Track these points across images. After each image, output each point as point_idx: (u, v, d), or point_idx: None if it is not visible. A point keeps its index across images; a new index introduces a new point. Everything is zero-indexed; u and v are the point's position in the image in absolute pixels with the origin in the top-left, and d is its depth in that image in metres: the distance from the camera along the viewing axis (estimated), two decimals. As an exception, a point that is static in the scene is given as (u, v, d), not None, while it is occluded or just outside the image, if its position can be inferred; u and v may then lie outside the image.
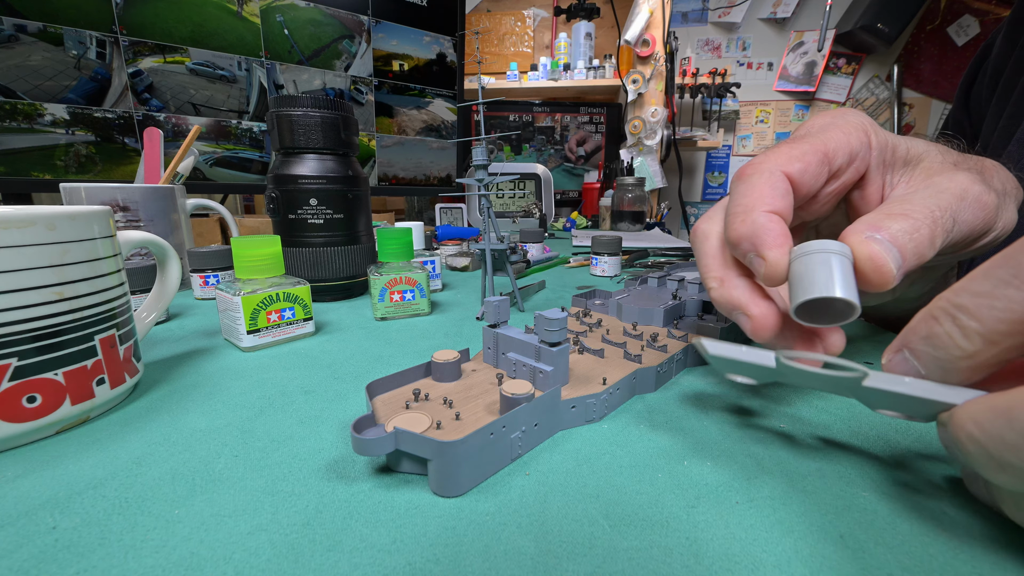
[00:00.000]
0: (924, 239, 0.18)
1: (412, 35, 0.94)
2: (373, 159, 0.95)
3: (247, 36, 0.78)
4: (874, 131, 0.22)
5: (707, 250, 0.22)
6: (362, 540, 0.15)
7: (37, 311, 0.20)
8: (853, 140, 0.21)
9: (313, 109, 0.42)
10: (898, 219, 0.18)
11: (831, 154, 0.21)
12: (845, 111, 0.23)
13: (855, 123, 0.22)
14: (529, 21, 2.14)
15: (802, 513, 0.16)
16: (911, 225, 0.18)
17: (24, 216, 0.19)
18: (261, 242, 0.33)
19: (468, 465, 0.17)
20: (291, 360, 0.31)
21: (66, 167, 0.68)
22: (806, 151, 0.20)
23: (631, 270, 0.67)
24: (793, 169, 0.20)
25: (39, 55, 0.64)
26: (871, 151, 0.22)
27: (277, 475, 0.19)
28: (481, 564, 0.14)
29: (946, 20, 2.03)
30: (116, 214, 0.46)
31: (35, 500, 0.17)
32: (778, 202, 0.19)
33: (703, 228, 0.23)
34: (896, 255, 0.17)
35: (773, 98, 2.30)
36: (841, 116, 0.23)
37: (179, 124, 0.75)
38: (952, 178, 0.21)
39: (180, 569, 0.14)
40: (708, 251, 0.22)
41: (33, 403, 0.20)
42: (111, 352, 0.23)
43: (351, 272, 0.47)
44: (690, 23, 2.29)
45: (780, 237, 0.18)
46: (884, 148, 0.22)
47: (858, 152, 0.21)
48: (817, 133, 0.22)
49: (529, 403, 0.20)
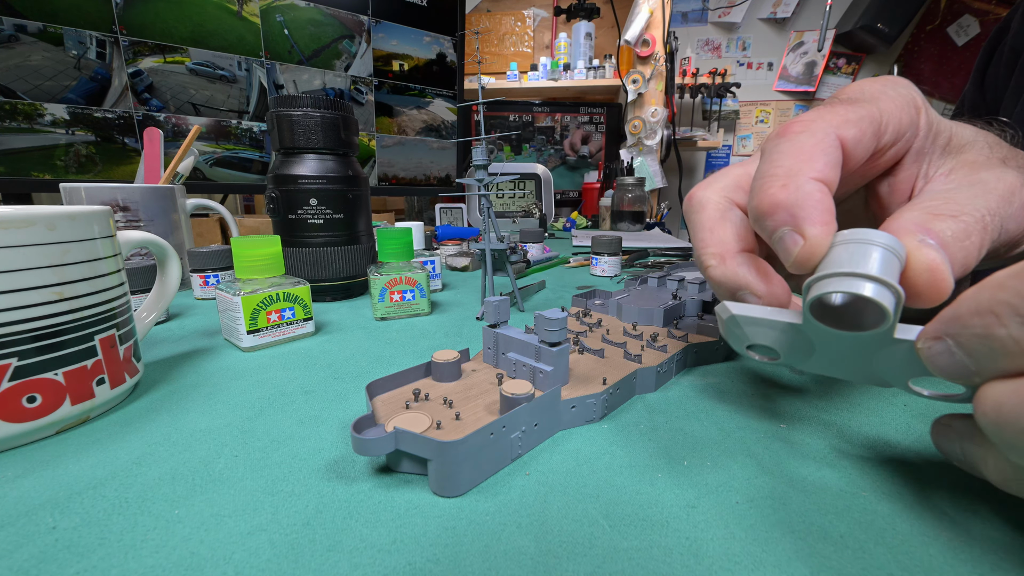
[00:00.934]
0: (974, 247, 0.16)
1: (412, 35, 0.94)
2: (373, 159, 0.95)
3: (247, 36, 0.78)
4: (925, 109, 0.20)
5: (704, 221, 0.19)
6: (362, 540, 0.15)
7: (37, 311, 0.20)
8: (904, 116, 0.19)
9: (313, 109, 0.42)
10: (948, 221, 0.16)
11: (883, 127, 0.18)
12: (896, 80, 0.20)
13: (907, 96, 0.19)
14: (529, 21, 2.14)
15: (802, 513, 0.16)
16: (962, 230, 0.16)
17: (24, 216, 0.19)
18: (261, 242, 0.33)
19: (468, 465, 0.17)
20: (291, 360, 0.31)
21: (66, 167, 0.68)
22: (862, 116, 0.17)
23: (631, 270, 0.67)
24: (849, 134, 0.17)
25: (39, 55, 0.64)
26: (918, 132, 0.19)
27: (277, 475, 0.19)
28: (481, 564, 0.14)
29: (946, 20, 2.03)
30: (116, 214, 0.46)
31: (35, 500, 0.17)
32: (829, 171, 0.16)
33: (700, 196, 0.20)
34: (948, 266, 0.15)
35: (773, 98, 2.30)
36: (892, 85, 0.20)
37: (179, 124, 0.75)
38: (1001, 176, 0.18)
39: (180, 569, 0.14)
40: (705, 222, 0.19)
41: (33, 403, 0.20)
42: (111, 352, 0.23)
43: (351, 272, 0.47)
44: (690, 23, 2.29)
45: (827, 213, 0.15)
46: (930, 130, 0.19)
47: (906, 131, 0.19)
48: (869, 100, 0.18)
49: (529, 403, 0.20)
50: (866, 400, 0.25)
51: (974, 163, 0.19)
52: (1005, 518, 0.16)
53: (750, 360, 0.29)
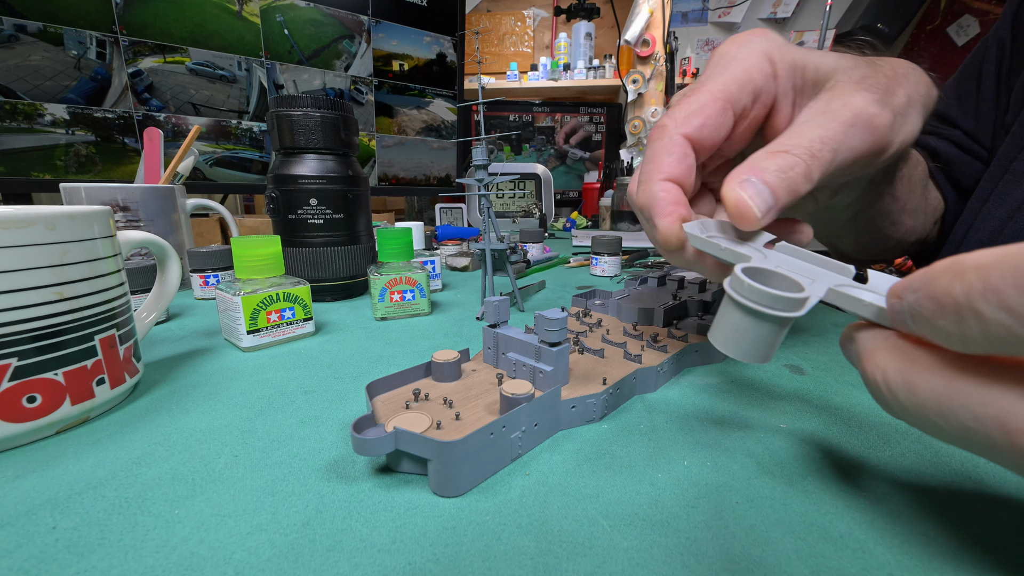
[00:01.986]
0: (799, 175, 0.18)
1: (412, 35, 0.94)
2: (373, 159, 0.95)
3: (247, 36, 0.78)
4: (780, 56, 0.21)
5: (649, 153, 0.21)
6: (362, 540, 0.15)
7: (37, 311, 0.20)
8: (755, 74, 0.21)
9: (313, 109, 0.42)
10: (776, 157, 0.18)
11: (733, 98, 0.20)
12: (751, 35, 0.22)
13: (759, 50, 0.21)
14: (529, 21, 2.14)
15: (802, 513, 0.16)
16: (788, 162, 0.18)
17: (24, 216, 0.19)
18: (261, 242, 0.33)
19: (468, 465, 0.17)
20: (291, 360, 0.31)
21: (66, 167, 0.68)
22: (704, 103, 0.20)
23: (631, 270, 0.67)
24: (691, 128, 0.20)
25: (39, 55, 0.64)
26: (776, 80, 0.21)
27: (277, 475, 0.19)
28: (481, 564, 0.14)
29: (946, 20, 2.03)
30: (116, 214, 0.46)
31: (35, 500, 0.17)
32: (675, 168, 0.20)
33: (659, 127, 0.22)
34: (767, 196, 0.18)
35: (773, 98, 2.29)
36: (746, 43, 0.22)
37: (179, 124, 0.75)
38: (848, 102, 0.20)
39: (180, 569, 0.14)
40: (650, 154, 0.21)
41: (33, 403, 0.20)
42: (111, 352, 0.23)
43: (351, 272, 0.47)
44: (690, 23, 2.29)
45: (671, 206, 0.19)
46: (792, 72, 0.21)
47: (762, 86, 0.21)
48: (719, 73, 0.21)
49: (529, 403, 0.20)
50: (867, 399, 0.25)
51: (832, 91, 0.21)
52: (1006, 518, 0.16)
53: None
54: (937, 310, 0.11)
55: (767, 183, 0.18)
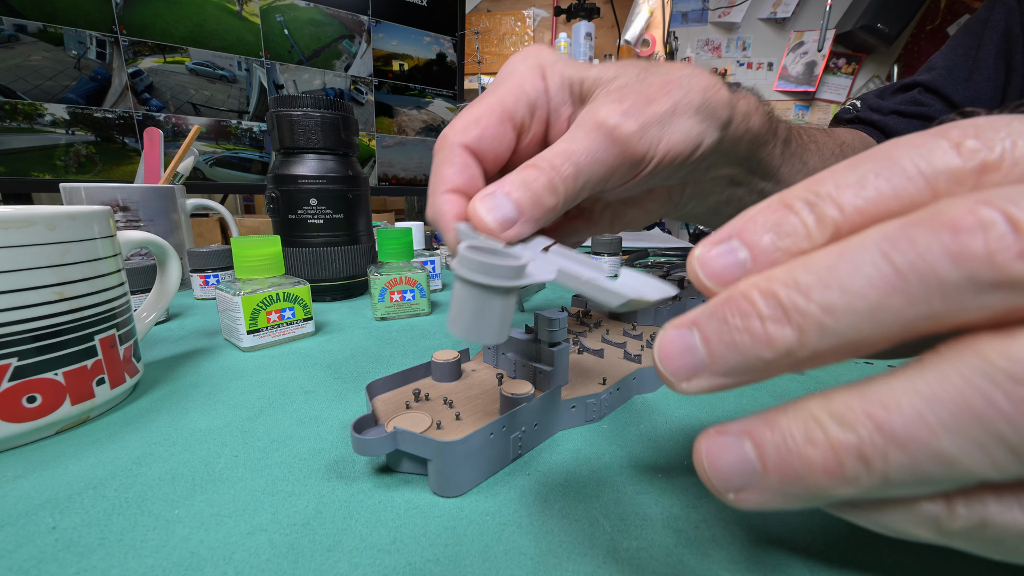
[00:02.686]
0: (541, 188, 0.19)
1: (412, 35, 0.94)
2: (373, 159, 0.95)
3: (247, 36, 0.78)
4: (552, 71, 0.21)
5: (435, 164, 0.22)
6: (362, 540, 0.15)
7: (37, 311, 0.20)
8: (528, 88, 0.21)
9: (313, 109, 0.42)
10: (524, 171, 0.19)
11: (510, 110, 0.21)
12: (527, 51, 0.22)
13: (533, 66, 0.21)
14: (529, 21, 2.14)
15: (803, 513, 0.16)
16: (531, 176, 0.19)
17: (24, 216, 0.19)
18: (261, 242, 0.33)
19: (468, 465, 0.17)
20: (291, 360, 0.31)
21: (66, 167, 0.68)
22: (482, 115, 0.20)
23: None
24: (470, 139, 0.20)
25: (39, 55, 0.64)
26: (547, 95, 0.21)
27: (277, 475, 0.19)
28: (481, 564, 0.14)
29: (946, 20, 2.03)
30: (116, 214, 0.46)
31: (35, 500, 0.17)
32: (456, 179, 0.20)
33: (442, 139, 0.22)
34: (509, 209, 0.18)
35: (773, 98, 2.30)
36: (523, 60, 0.22)
37: (179, 124, 0.75)
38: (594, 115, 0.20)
39: (180, 569, 0.14)
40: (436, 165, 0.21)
41: (33, 403, 0.20)
42: (111, 352, 0.23)
43: (351, 272, 0.47)
44: (690, 23, 2.29)
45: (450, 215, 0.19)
46: (563, 87, 0.21)
47: (535, 100, 0.21)
48: (497, 87, 0.21)
49: (529, 403, 0.20)
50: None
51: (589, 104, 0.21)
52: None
53: None
54: None
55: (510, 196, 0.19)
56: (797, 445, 0.09)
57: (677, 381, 0.11)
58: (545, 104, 0.22)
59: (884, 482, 0.09)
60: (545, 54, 0.22)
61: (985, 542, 0.09)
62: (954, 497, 0.09)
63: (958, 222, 0.08)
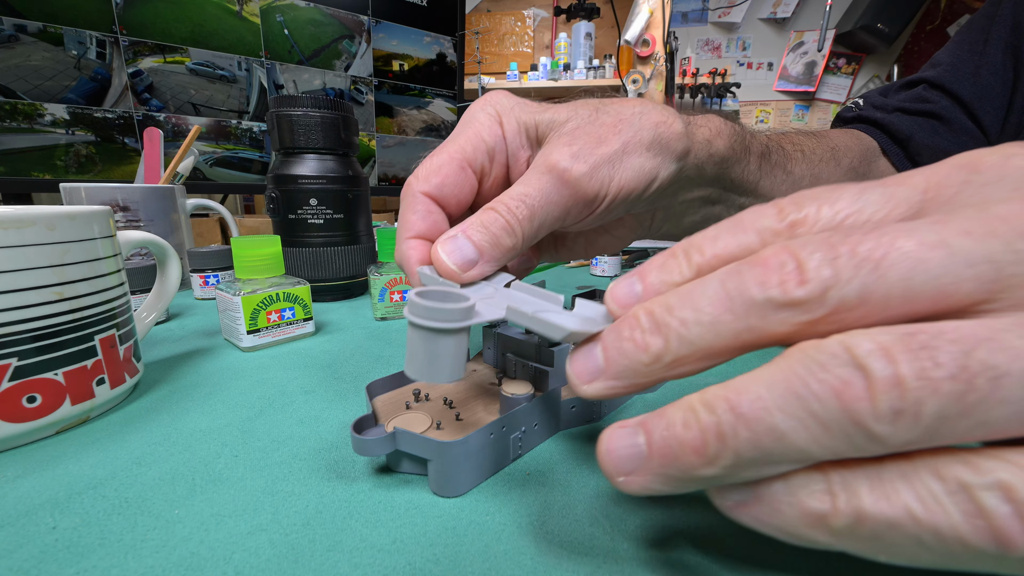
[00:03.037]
0: (499, 230, 0.20)
1: (412, 35, 0.94)
2: (373, 159, 0.95)
3: (247, 36, 0.78)
4: (508, 118, 0.22)
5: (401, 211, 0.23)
6: (362, 540, 0.15)
7: (37, 311, 0.20)
8: (486, 135, 0.22)
9: (313, 109, 0.42)
10: (483, 214, 0.20)
11: (469, 157, 0.22)
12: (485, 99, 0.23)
13: (491, 113, 0.22)
14: (529, 21, 2.14)
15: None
16: (490, 219, 0.20)
17: (24, 216, 0.19)
18: (261, 242, 0.33)
19: (468, 465, 0.17)
20: (291, 360, 0.31)
21: (66, 167, 0.68)
22: (443, 163, 0.22)
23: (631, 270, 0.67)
24: (431, 187, 0.21)
25: (39, 55, 0.64)
26: (505, 141, 0.22)
27: (277, 475, 0.19)
28: (481, 564, 0.14)
29: (946, 20, 2.03)
30: (116, 214, 0.46)
31: (35, 500, 0.17)
32: (419, 225, 0.21)
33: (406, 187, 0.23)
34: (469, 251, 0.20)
35: (773, 98, 2.30)
36: (482, 107, 0.23)
37: (179, 124, 0.75)
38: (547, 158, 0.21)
39: (180, 569, 0.14)
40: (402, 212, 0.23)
41: (33, 403, 0.20)
42: (111, 352, 0.23)
43: (351, 272, 0.47)
44: (690, 23, 2.29)
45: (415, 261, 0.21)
46: (519, 132, 0.22)
47: (493, 146, 0.22)
48: (458, 134, 0.22)
49: (529, 403, 0.20)
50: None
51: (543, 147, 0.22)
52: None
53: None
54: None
55: (470, 239, 0.20)
56: (676, 429, 0.11)
57: (580, 384, 0.13)
58: (503, 149, 0.23)
59: (736, 458, 0.10)
60: (502, 101, 0.23)
61: (867, 540, 0.10)
62: (836, 493, 0.10)
63: (766, 261, 0.11)
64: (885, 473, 0.10)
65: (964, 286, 0.09)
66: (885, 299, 0.10)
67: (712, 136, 0.25)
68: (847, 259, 0.10)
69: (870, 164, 0.40)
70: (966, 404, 0.09)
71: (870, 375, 0.09)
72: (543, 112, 0.22)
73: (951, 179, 0.12)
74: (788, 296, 0.10)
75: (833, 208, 0.12)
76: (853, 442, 0.09)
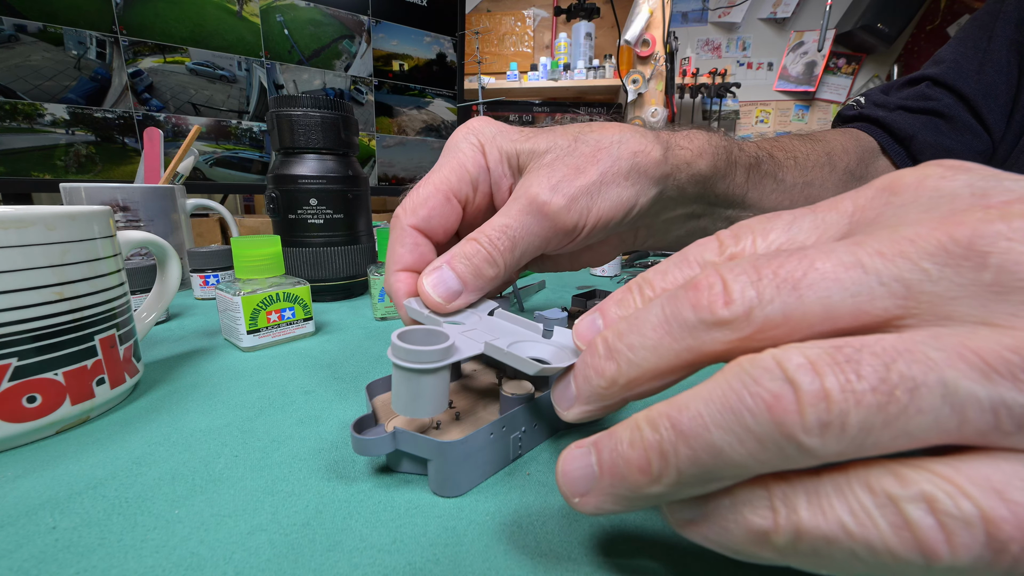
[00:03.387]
0: (481, 261, 0.21)
1: (412, 35, 0.94)
2: (373, 159, 0.95)
3: (247, 36, 0.78)
4: (490, 147, 0.23)
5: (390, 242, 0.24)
6: (362, 540, 0.15)
7: (37, 311, 0.20)
8: (470, 166, 0.23)
9: (313, 109, 0.42)
10: (465, 245, 0.21)
11: (454, 188, 0.23)
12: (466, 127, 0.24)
13: (474, 143, 0.23)
14: (529, 21, 2.14)
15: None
16: (472, 250, 0.21)
17: (24, 216, 0.19)
18: (261, 242, 0.33)
19: (468, 465, 0.17)
20: (291, 360, 0.31)
21: (66, 167, 0.68)
22: (429, 195, 0.22)
23: (631, 270, 0.67)
24: (418, 220, 0.22)
25: (39, 55, 0.64)
26: (488, 171, 0.23)
27: (277, 475, 0.18)
28: (481, 564, 0.14)
29: (946, 20, 2.03)
30: (116, 214, 0.46)
31: (35, 500, 0.17)
32: (407, 258, 0.22)
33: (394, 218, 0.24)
34: (453, 283, 0.21)
35: (773, 98, 2.30)
36: (465, 137, 0.24)
37: (179, 124, 0.75)
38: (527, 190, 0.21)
39: (180, 569, 0.14)
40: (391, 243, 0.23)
41: (33, 403, 0.20)
42: (111, 352, 0.23)
43: (351, 272, 0.47)
44: (690, 23, 2.29)
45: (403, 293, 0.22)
46: (501, 162, 0.23)
47: (477, 176, 0.23)
48: (443, 164, 0.23)
49: (529, 403, 0.20)
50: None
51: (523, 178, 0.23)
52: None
53: None
54: None
55: (455, 270, 0.21)
56: (623, 448, 0.11)
57: (561, 411, 0.15)
58: (487, 179, 0.23)
59: (678, 476, 0.10)
60: (484, 129, 0.24)
61: (808, 555, 0.10)
62: (777, 509, 0.10)
63: (697, 285, 0.11)
64: (822, 487, 0.10)
65: (879, 303, 0.10)
66: (807, 316, 0.10)
67: (693, 157, 0.25)
68: (769, 280, 0.11)
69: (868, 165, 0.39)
70: (888, 415, 0.09)
71: (798, 388, 0.09)
72: (524, 141, 0.23)
73: (874, 202, 0.12)
74: (715, 316, 0.11)
75: (766, 239, 0.13)
76: (786, 455, 0.09)
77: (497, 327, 0.20)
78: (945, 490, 0.08)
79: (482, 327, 0.20)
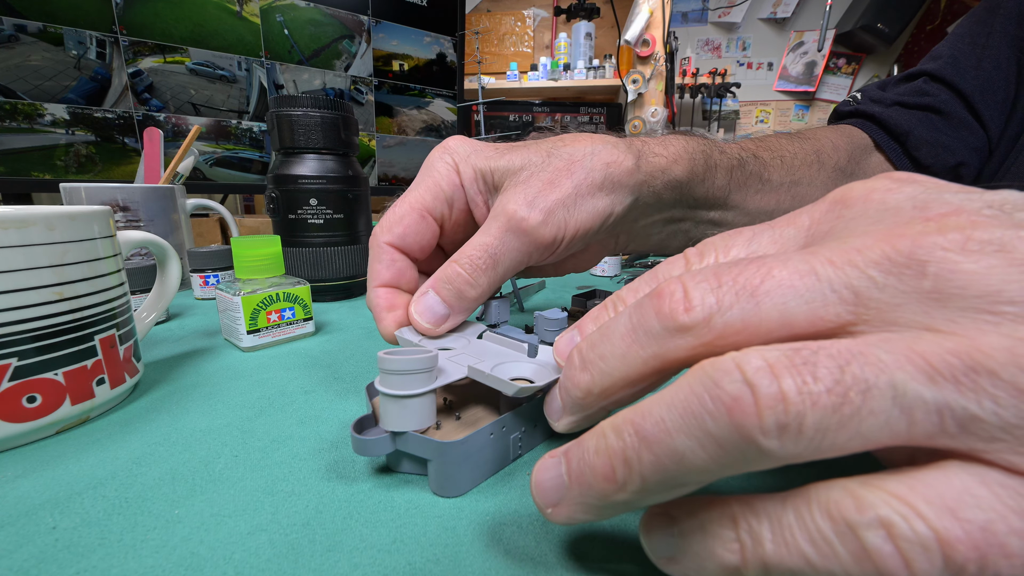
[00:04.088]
0: (463, 283, 0.21)
1: (412, 35, 0.94)
2: (373, 159, 0.95)
3: (247, 36, 0.78)
4: (464, 166, 0.23)
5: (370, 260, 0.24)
6: (362, 540, 0.15)
7: (37, 311, 0.20)
8: (444, 185, 0.23)
9: (313, 109, 0.42)
10: (447, 268, 0.22)
11: (429, 206, 0.23)
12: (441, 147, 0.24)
13: (448, 163, 0.24)
14: (529, 21, 2.14)
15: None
16: (453, 273, 0.22)
17: (23, 216, 0.19)
18: (261, 242, 0.33)
19: (468, 465, 0.17)
20: (291, 360, 0.31)
21: (66, 167, 0.68)
22: (404, 214, 0.23)
23: (631, 270, 0.67)
24: (394, 237, 0.23)
25: (39, 55, 0.64)
26: (463, 189, 0.24)
27: (277, 475, 0.19)
28: (481, 564, 0.14)
29: (946, 20, 2.03)
30: (116, 214, 0.46)
31: (35, 500, 0.17)
32: (385, 274, 0.23)
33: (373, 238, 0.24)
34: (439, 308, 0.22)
35: (773, 98, 2.30)
36: (441, 156, 0.24)
37: (179, 124, 0.75)
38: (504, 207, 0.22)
39: (180, 569, 0.14)
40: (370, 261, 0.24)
41: (33, 403, 0.20)
42: (111, 352, 0.23)
43: (351, 272, 0.47)
44: (690, 23, 2.29)
45: (383, 311, 0.23)
46: (476, 180, 0.24)
47: (452, 195, 0.23)
48: (419, 183, 0.24)
49: (529, 403, 0.20)
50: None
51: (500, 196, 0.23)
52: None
53: None
54: None
55: (440, 294, 0.22)
56: (589, 456, 0.11)
57: (553, 423, 0.16)
58: (462, 196, 0.24)
59: (642, 483, 0.11)
60: (459, 148, 0.24)
61: None
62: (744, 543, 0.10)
63: (660, 293, 0.12)
64: (785, 516, 0.10)
65: (832, 308, 0.10)
66: (764, 322, 0.11)
67: (668, 163, 0.25)
68: (729, 287, 0.11)
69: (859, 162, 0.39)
70: (842, 416, 0.09)
71: (756, 391, 0.09)
72: (499, 158, 0.23)
73: (828, 215, 0.13)
74: (677, 322, 0.11)
75: (728, 255, 0.14)
76: (746, 458, 0.10)
77: (484, 349, 0.21)
78: (901, 513, 0.08)
79: (470, 351, 0.20)
